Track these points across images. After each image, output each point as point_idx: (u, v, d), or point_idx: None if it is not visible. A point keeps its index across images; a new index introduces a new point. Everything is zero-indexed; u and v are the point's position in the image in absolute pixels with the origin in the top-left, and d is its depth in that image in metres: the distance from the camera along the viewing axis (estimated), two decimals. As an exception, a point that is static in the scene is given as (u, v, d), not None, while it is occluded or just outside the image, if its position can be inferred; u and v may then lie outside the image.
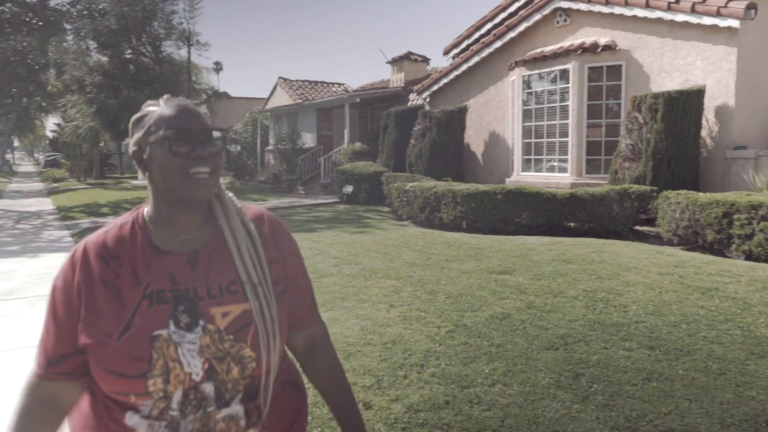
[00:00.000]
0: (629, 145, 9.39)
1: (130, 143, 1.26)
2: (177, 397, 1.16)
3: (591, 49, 10.72)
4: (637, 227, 9.25)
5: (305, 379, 1.51)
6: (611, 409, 3.17)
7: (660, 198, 8.32)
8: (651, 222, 9.14)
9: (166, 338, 1.15)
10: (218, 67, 45.91)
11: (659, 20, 9.99)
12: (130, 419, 1.17)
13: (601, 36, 10.99)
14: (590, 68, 10.87)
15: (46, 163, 46.68)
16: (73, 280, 1.20)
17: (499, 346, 4.09)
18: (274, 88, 25.75)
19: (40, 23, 18.58)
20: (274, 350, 1.22)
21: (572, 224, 9.31)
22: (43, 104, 32.53)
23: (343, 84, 25.82)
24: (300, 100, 22.03)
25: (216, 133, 1.23)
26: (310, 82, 25.37)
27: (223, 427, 1.19)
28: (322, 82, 25.60)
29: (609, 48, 10.62)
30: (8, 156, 57.59)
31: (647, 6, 9.94)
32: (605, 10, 10.69)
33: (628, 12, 10.27)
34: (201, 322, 1.18)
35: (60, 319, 1.19)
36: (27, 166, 64.56)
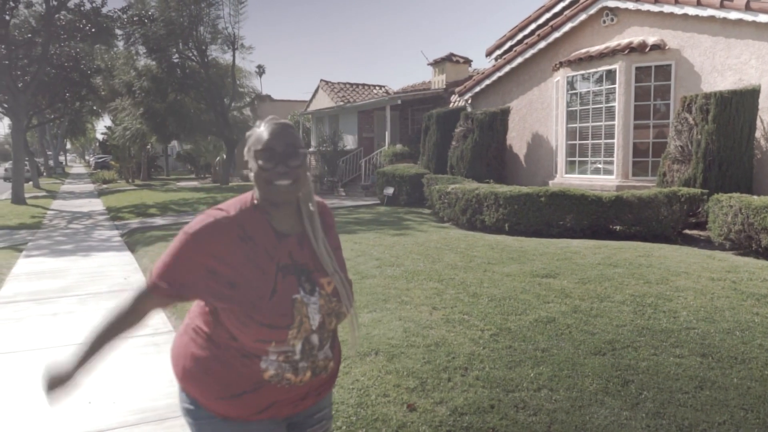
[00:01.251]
0: (678, 146, 9.14)
1: (244, 152, 1.62)
2: (298, 347, 1.56)
3: (639, 49, 10.48)
4: (686, 231, 8.99)
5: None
6: (662, 417, 3.09)
7: (711, 201, 8.07)
8: (701, 226, 8.87)
9: (300, 300, 1.54)
10: (261, 71, 46.65)
11: (711, 18, 9.70)
12: (266, 363, 1.55)
13: (650, 35, 10.74)
14: (638, 68, 10.63)
15: (97, 164, 48.24)
16: (215, 250, 1.50)
17: (545, 351, 4.03)
18: (316, 90, 26.03)
19: (93, 30, 19.19)
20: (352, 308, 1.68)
21: (618, 227, 9.11)
22: (94, 108, 33.61)
23: (384, 86, 25.91)
24: (341, 103, 22.20)
25: (299, 150, 1.57)
26: (351, 84, 25.53)
27: (321, 363, 1.63)
28: (364, 85, 25.74)
29: (658, 47, 10.37)
30: (61, 158, 59.72)
31: (698, 4, 9.66)
32: (654, 8, 10.44)
33: (678, 10, 10.01)
34: (317, 288, 1.59)
35: (189, 264, 1.50)
36: (78, 168, 66.82)
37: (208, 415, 1.60)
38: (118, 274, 7.49)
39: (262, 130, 1.57)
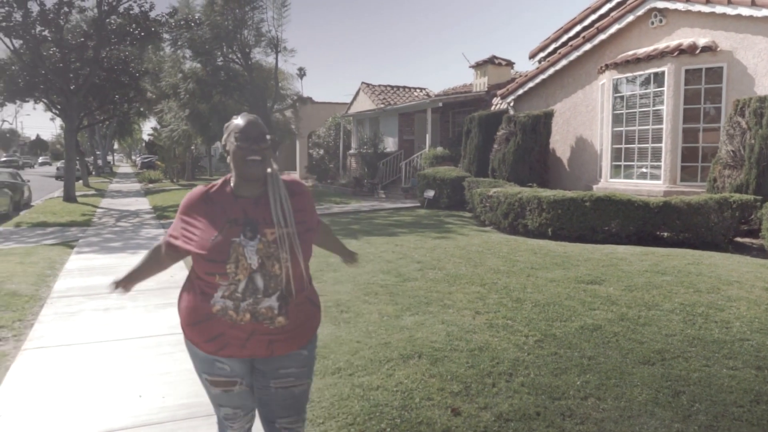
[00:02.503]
0: (730, 151, 8.87)
1: (222, 139, 2.13)
2: (242, 284, 1.97)
3: (689, 51, 10.21)
4: (738, 239, 8.71)
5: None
6: (715, 430, 3.00)
7: (765, 208, 7.81)
8: (754, 234, 8.58)
9: (237, 242, 1.98)
10: (302, 73, 47.13)
11: (766, 19, 9.38)
12: (215, 300, 2.01)
13: (700, 36, 10.45)
14: (687, 71, 10.36)
15: (143, 164, 49.46)
16: (190, 211, 2.09)
17: (591, 359, 3.96)
18: (357, 93, 26.15)
19: (142, 33, 19.72)
20: (297, 258, 2.00)
21: (665, 234, 8.89)
22: (141, 109, 34.48)
23: (425, 89, 25.88)
24: (382, 105, 22.26)
25: (266, 136, 2.07)
26: (392, 87, 25.57)
27: (264, 311, 2.00)
28: (404, 87, 25.74)
29: (709, 49, 10.08)
30: (109, 158, 61.49)
31: (753, 4, 9.36)
32: (705, 9, 10.15)
33: (731, 11, 9.71)
34: (258, 236, 1.99)
35: (179, 223, 2.11)
36: (125, 168, 68.70)
37: (188, 342, 2.16)
38: (165, 271, 7.65)
39: (239, 121, 2.08)
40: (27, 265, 7.95)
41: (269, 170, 2.09)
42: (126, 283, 2.28)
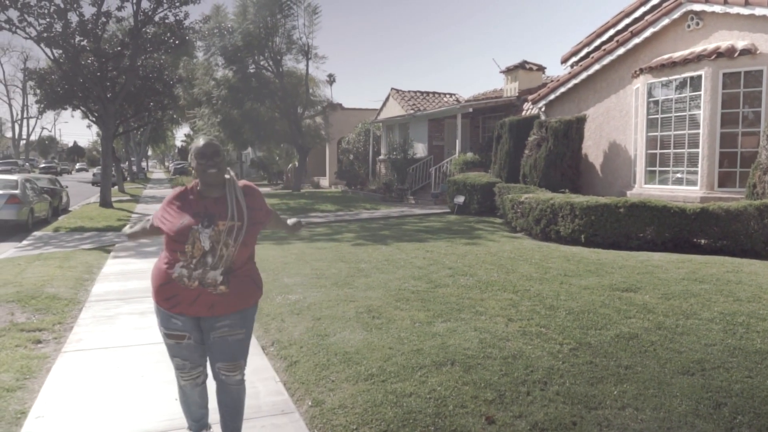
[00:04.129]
0: (771, 156, 8.63)
1: (188, 158, 2.80)
2: (195, 259, 2.65)
3: (727, 54, 9.99)
4: (779, 246, 8.46)
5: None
6: (760, 444, 2.91)
7: (807, 215, 7.58)
8: (796, 241, 8.33)
9: (195, 230, 2.64)
10: (331, 79, 47.45)
11: (808, 21, 9.13)
12: (174, 269, 2.69)
13: (738, 39, 10.22)
14: (725, 74, 10.13)
15: (175, 170, 50.36)
16: (169, 203, 2.78)
17: (628, 368, 3.89)
18: (387, 98, 26.21)
19: (177, 42, 20.10)
20: (240, 246, 2.68)
21: (702, 241, 8.69)
22: (175, 116, 35.09)
23: (454, 94, 25.79)
24: (412, 111, 22.28)
25: (220, 153, 2.73)
26: (422, 92, 25.57)
27: (210, 281, 2.67)
28: (434, 93, 25.70)
29: (748, 52, 9.85)
30: (143, 164, 62.70)
31: (794, 6, 9.12)
32: (744, 11, 9.92)
33: (771, 13, 9.47)
34: (213, 226, 2.65)
35: (161, 210, 2.78)
36: (158, 174, 69.96)
37: (156, 307, 2.82)
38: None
39: (198, 143, 2.72)
40: (66, 269, 8.14)
41: (227, 177, 2.76)
42: (132, 237, 3.03)
